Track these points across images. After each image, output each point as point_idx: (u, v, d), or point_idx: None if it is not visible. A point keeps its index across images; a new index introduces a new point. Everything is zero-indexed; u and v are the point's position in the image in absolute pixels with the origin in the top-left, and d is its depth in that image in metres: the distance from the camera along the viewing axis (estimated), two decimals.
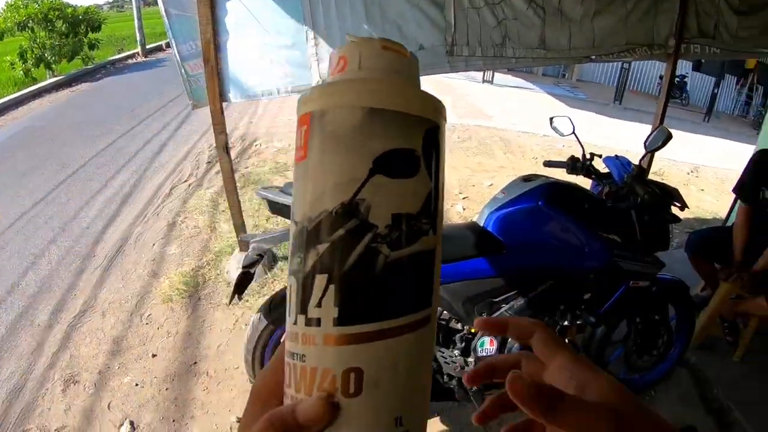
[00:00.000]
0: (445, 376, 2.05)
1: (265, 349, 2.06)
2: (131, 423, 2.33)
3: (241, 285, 2.01)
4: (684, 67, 15.86)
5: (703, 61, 16.94)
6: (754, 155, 3.20)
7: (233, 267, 3.16)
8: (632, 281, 2.19)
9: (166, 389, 2.51)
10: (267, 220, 4.07)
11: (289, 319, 0.31)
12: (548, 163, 2.44)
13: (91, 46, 11.76)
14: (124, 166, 5.45)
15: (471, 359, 2.00)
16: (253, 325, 2.06)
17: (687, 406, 2.85)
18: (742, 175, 3.18)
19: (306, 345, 0.30)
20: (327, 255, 0.29)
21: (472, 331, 2.02)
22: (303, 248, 0.30)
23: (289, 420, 0.30)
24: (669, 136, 2.20)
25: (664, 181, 2.43)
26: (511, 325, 0.43)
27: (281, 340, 1.68)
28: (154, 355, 2.73)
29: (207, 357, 2.70)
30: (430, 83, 10.17)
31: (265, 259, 2.06)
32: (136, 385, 2.54)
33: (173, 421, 2.34)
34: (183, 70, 3.01)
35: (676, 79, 16.68)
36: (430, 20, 2.91)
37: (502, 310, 1.98)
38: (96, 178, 5.12)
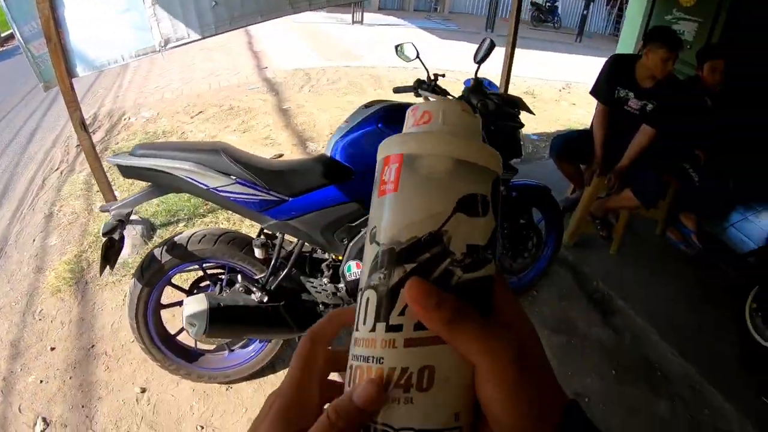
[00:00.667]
0: (320, 305, 2.18)
1: (146, 311, 2.12)
2: (44, 419, 2.34)
3: (108, 254, 2.00)
4: None
5: None
6: (609, 59, 3.39)
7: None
8: None
9: (70, 378, 2.52)
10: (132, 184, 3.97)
11: (362, 327, 0.36)
12: (397, 90, 2.51)
13: None
14: None
15: (341, 285, 2.12)
16: (131, 291, 2.09)
17: (570, 301, 3.11)
18: (597, 78, 3.40)
19: (385, 348, 0.35)
20: (413, 273, 0.34)
21: (339, 258, 2.13)
22: (388, 266, 0.35)
23: (348, 407, 0.33)
24: (492, 45, 2.34)
25: (510, 94, 2.59)
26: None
27: (182, 315, 1.70)
28: (52, 348, 2.70)
29: (103, 338, 2.70)
30: (299, 30, 9.93)
31: (126, 224, 2.04)
32: (41, 381, 2.53)
33: (82, 407, 2.37)
34: (28, 53, 2.83)
35: (547, 3, 17.06)
36: None
37: (362, 232, 2.08)
38: None
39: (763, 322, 2.76)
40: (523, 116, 2.54)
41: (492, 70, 3.32)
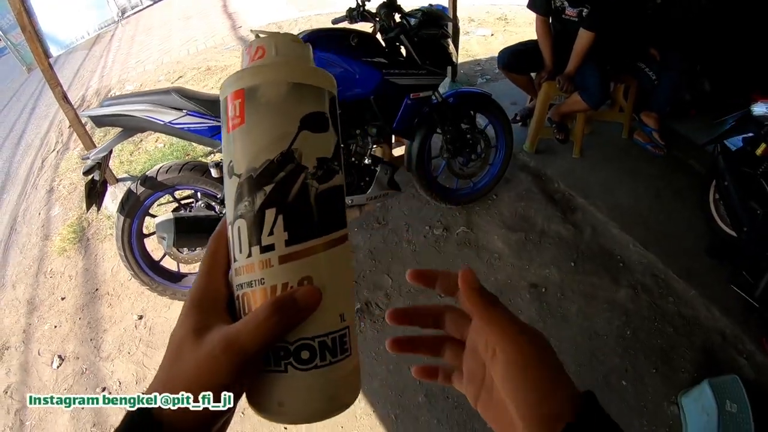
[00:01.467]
0: None
1: (130, 240, 2.41)
2: (59, 356, 2.65)
3: (92, 193, 2.29)
4: None
5: None
6: None
7: (108, 201, 3.39)
8: (412, 93, 2.54)
9: (79, 319, 2.82)
10: (130, 154, 4.25)
11: (239, 256, 0.39)
12: (334, 20, 2.67)
13: None
14: None
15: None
16: (116, 225, 2.39)
17: (530, 201, 3.20)
18: None
19: (263, 269, 0.38)
20: (273, 193, 0.37)
21: None
22: (250, 192, 0.38)
23: (290, 304, 0.36)
24: None
25: (432, 6, 2.73)
26: (440, 277, 0.47)
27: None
28: (63, 298, 3.00)
29: (105, 281, 3.00)
30: None
31: (105, 166, 2.32)
32: (55, 327, 2.83)
33: (90, 340, 2.68)
34: (8, 42, 3.08)
35: None
36: None
37: None
38: None
39: (726, 211, 2.78)
40: (495, 40, 2.67)
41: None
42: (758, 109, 2.64)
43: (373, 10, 2.54)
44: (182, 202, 2.50)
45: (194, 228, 2.29)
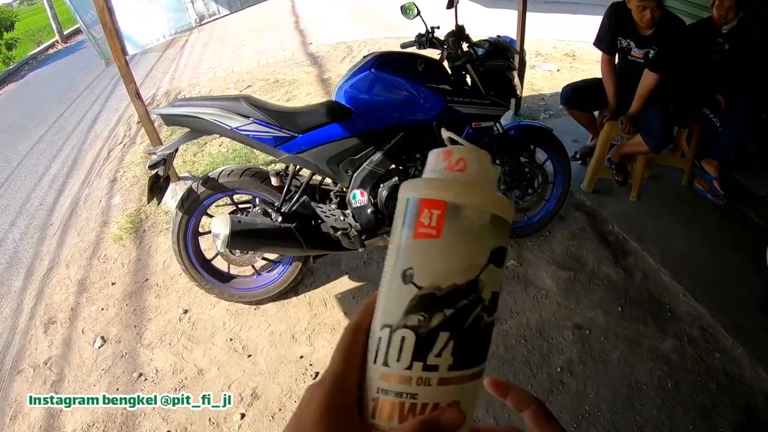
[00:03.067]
0: (330, 229, 2.47)
1: (185, 236, 2.50)
2: (102, 338, 2.74)
3: (154, 187, 2.40)
4: None
5: None
6: (608, 8, 3.34)
7: (168, 197, 3.51)
8: (474, 122, 2.55)
9: (126, 305, 2.92)
10: (194, 155, 4.40)
11: (395, 364, 0.38)
12: (403, 45, 2.71)
13: (9, 47, 11.59)
14: (63, 145, 5.69)
15: (347, 211, 2.40)
16: (173, 220, 2.49)
17: (582, 240, 3.14)
18: (599, 28, 3.42)
19: (420, 386, 0.38)
20: (452, 318, 0.37)
21: (345, 188, 2.42)
22: (429, 310, 0.37)
23: (435, 426, 0.36)
24: None
25: (500, 38, 2.76)
26: (512, 392, 0.46)
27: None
28: (113, 284, 3.12)
29: (155, 273, 3.10)
30: (344, 6, 10.14)
31: (169, 164, 2.43)
32: (102, 309, 2.94)
33: (134, 326, 2.77)
34: (90, 36, 3.27)
35: None
36: None
37: (364, 165, 2.37)
38: (41, 162, 5.37)
39: None
40: (561, 75, 2.67)
41: (508, 32, 3.45)
42: None
43: (442, 38, 2.58)
44: (240, 206, 2.58)
45: (249, 232, 2.35)
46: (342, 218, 2.42)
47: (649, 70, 3.06)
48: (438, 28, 2.59)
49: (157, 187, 2.43)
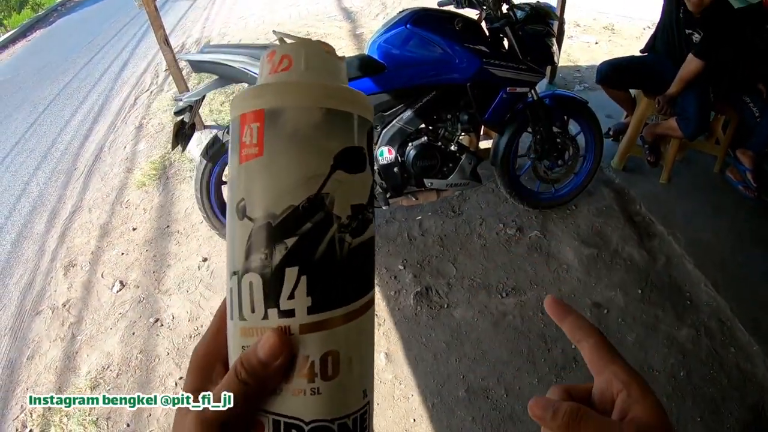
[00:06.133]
0: None
1: (209, 184, 2.49)
2: (120, 282, 2.78)
3: (179, 133, 2.38)
4: None
5: None
6: None
7: (193, 145, 3.50)
8: (509, 87, 2.48)
9: (146, 251, 2.95)
10: (221, 105, 4.38)
11: (251, 316, 0.32)
12: (440, 2, 2.64)
13: None
14: (90, 90, 5.70)
15: (375, 167, 2.37)
16: (197, 167, 2.47)
17: (608, 218, 3.10)
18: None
19: None
20: (296, 247, 0.31)
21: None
22: (268, 244, 0.31)
23: (253, 361, 0.31)
24: None
25: (540, 3, 2.67)
26: (571, 318, 0.43)
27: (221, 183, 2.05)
28: (134, 229, 3.14)
29: (177, 220, 3.12)
30: None
31: (196, 110, 2.41)
32: (122, 254, 2.98)
33: (153, 272, 2.80)
34: None
35: None
36: None
37: (393, 122, 2.32)
38: (67, 107, 5.39)
39: None
40: (599, 48, 2.58)
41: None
42: None
43: None
44: None
45: None
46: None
47: (693, 55, 2.95)
48: None
49: (182, 134, 2.42)
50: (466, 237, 2.95)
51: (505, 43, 2.51)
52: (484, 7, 2.45)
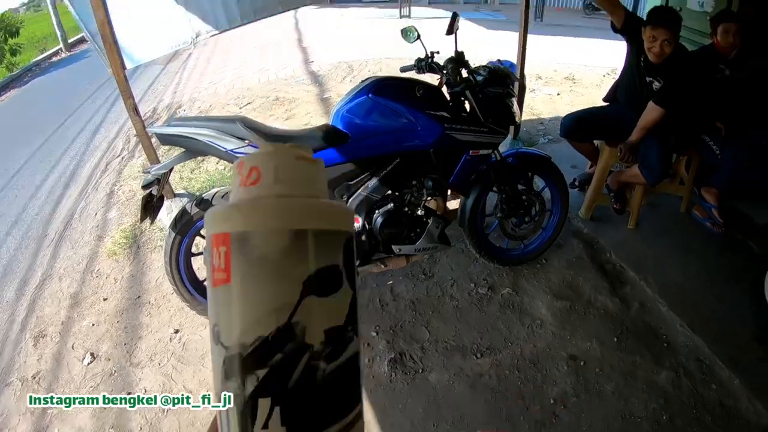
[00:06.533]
0: None
1: (178, 256, 2.46)
2: (92, 354, 2.71)
3: (147, 206, 2.38)
4: None
5: None
6: None
7: (164, 213, 3.49)
8: (472, 150, 2.54)
9: (117, 322, 2.89)
10: (191, 172, 4.39)
11: None
12: (402, 69, 2.72)
13: (13, 52, 11.65)
14: (62, 155, 5.68)
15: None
16: (166, 240, 2.45)
17: (580, 269, 3.13)
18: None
19: None
20: (268, 379, 0.30)
21: None
22: (239, 374, 0.30)
23: None
24: (455, 16, 2.52)
25: (498, 65, 2.76)
26: None
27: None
28: (105, 299, 3.09)
29: (148, 290, 3.08)
30: (348, 26, 10.22)
31: (163, 183, 2.41)
32: (93, 325, 2.91)
33: (125, 344, 2.73)
34: (96, 45, 3.27)
35: None
36: None
37: (359, 191, 2.35)
38: (39, 172, 5.35)
39: None
40: (560, 99, 2.68)
41: (509, 56, 3.47)
42: None
43: (441, 63, 2.57)
44: None
45: None
46: None
47: (653, 103, 3.03)
48: (438, 53, 2.59)
49: (150, 207, 2.42)
50: (438, 299, 2.95)
51: (467, 106, 2.58)
52: (444, 73, 2.53)
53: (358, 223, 2.37)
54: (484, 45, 7.60)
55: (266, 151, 0.33)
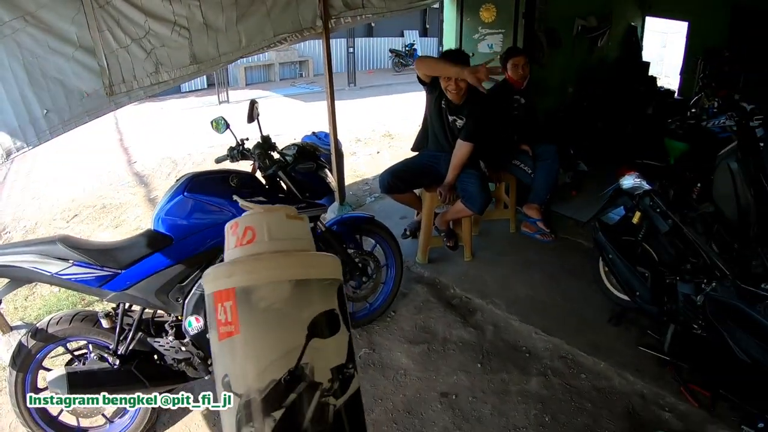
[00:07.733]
0: (173, 361, 2.35)
1: (24, 394, 2.25)
2: None
3: None
4: (411, 35, 17.60)
5: (428, 26, 18.35)
6: None
7: (3, 350, 3.14)
8: None
9: None
10: (25, 299, 4.00)
11: None
12: (217, 160, 2.77)
13: None
14: None
15: (186, 340, 2.30)
16: (8, 380, 2.24)
17: (429, 311, 3.27)
18: None
19: None
20: (285, 419, 0.32)
21: (179, 317, 2.33)
22: (256, 417, 0.32)
23: None
24: (252, 102, 2.68)
25: (308, 140, 2.91)
26: None
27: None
28: None
29: None
30: (167, 119, 10.03)
31: None
32: None
33: None
34: None
35: (406, 47, 17.32)
36: (87, 68, 3.00)
37: (193, 290, 2.30)
38: None
39: (616, 280, 2.97)
40: (381, 157, 2.78)
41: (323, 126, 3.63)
42: (626, 182, 2.95)
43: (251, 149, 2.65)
44: (76, 353, 2.37)
45: (88, 382, 2.18)
46: (182, 348, 2.32)
47: (461, 140, 3.34)
48: (247, 139, 2.68)
49: None
50: None
51: (284, 185, 2.67)
52: (254, 158, 2.62)
53: (199, 322, 2.29)
54: (304, 117, 7.89)
55: (258, 211, 0.37)
